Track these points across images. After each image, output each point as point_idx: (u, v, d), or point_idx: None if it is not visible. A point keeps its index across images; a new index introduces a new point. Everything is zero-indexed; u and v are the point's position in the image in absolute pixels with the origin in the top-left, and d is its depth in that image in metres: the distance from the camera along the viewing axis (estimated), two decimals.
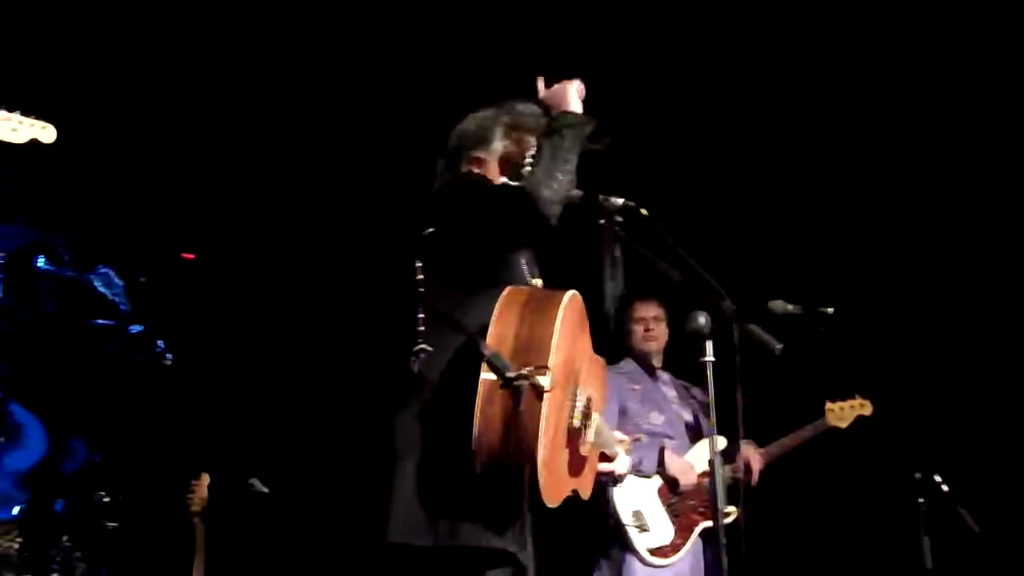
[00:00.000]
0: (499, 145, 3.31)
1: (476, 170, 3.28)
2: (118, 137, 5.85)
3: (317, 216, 6.27)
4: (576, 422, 2.95)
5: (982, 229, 6.31)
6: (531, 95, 3.37)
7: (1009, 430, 6.12)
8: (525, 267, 3.17)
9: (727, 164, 6.47)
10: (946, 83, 6.19)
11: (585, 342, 3.10)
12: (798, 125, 6.35)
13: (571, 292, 2.95)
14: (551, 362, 2.74)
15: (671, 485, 5.09)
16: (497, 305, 2.85)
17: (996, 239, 6.28)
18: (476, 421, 2.72)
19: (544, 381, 2.70)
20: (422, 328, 2.97)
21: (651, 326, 5.35)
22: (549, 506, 2.81)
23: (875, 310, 6.21)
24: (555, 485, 2.85)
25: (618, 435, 3.48)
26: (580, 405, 2.97)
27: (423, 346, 2.94)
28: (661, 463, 5.07)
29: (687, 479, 5.09)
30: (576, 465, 3.06)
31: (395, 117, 6.06)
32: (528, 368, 2.70)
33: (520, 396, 2.69)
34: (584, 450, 3.08)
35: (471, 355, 2.82)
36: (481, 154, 3.30)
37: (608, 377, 5.17)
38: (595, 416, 3.14)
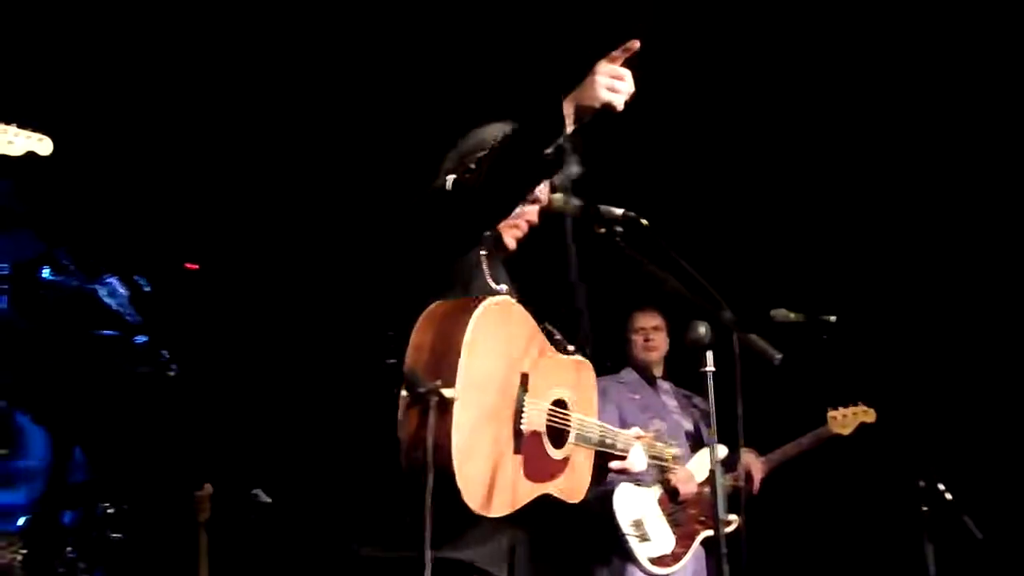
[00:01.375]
0: None
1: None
2: (123, 148, 5.87)
3: (322, 227, 6.28)
4: (525, 427, 2.96)
5: (984, 236, 6.31)
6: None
7: (1012, 437, 6.12)
8: (488, 275, 3.20)
9: (728, 173, 6.48)
10: (947, 91, 6.19)
11: (536, 348, 3.10)
12: (798, 134, 6.36)
13: (494, 299, 2.96)
14: (462, 372, 2.77)
15: (672, 494, 5.09)
16: (419, 319, 2.89)
17: (999, 246, 6.28)
18: (401, 437, 2.79)
19: (450, 392, 2.73)
20: (392, 343, 3.00)
21: (651, 336, 5.37)
22: (487, 513, 2.83)
23: (878, 318, 6.21)
24: (493, 492, 2.85)
25: (636, 431, 3.47)
26: (530, 409, 2.98)
27: (391, 360, 2.96)
28: (663, 471, 5.07)
29: (688, 488, 5.10)
30: (544, 469, 3.06)
31: (397, 130, 6.08)
32: (437, 381, 2.75)
33: (428, 409, 2.73)
34: (559, 453, 3.10)
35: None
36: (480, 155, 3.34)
37: (609, 386, 5.23)
38: (577, 417, 3.16)
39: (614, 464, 3.35)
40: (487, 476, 2.85)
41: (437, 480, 2.72)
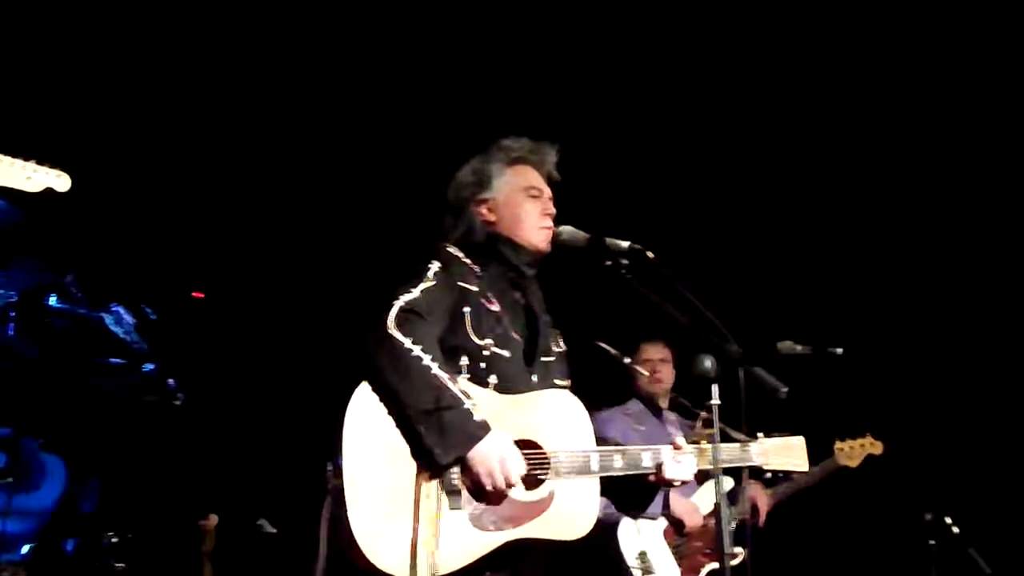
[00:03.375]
0: (501, 181, 3.45)
1: (484, 211, 3.43)
2: (131, 179, 5.90)
3: (328, 257, 6.29)
4: (459, 482, 3.03)
5: (993, 271, 6.31)
6: (517, 132, 3.51)
7: (1020, 471, 6.09)
8: (470, 324, 3.23)
9: (735, 207, 6.49)
10: (961, 127, 6.20)
11: None
12: (806, 168, 6.38)
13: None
14: (346, 460, 3.00)
15: (676, 527, 5.07)
16: None
17: (1007, 282, 6.27)
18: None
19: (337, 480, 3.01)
20: None
21: (658, 368, 5.36)
22: None
23: (885, 350, 6.20)
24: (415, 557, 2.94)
25: (679, 440, 3.44)
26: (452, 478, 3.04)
27: None
28: (666, 505, 5.05)
29: (692, 520, 5.07)
30: (509, 515, 3.09)
31: (403, 162, 6.11)
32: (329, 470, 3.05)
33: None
34: (533, 494, 3.12)
35: None
36: (485, 195, 3.44)
37: (614, 417, 5.22)
38: (556, 452, 3.18)
39: (670, 473, 3.34)
40: (401, 543, 2.93)
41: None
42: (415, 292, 3.14)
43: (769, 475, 3.65)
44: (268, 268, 6.30)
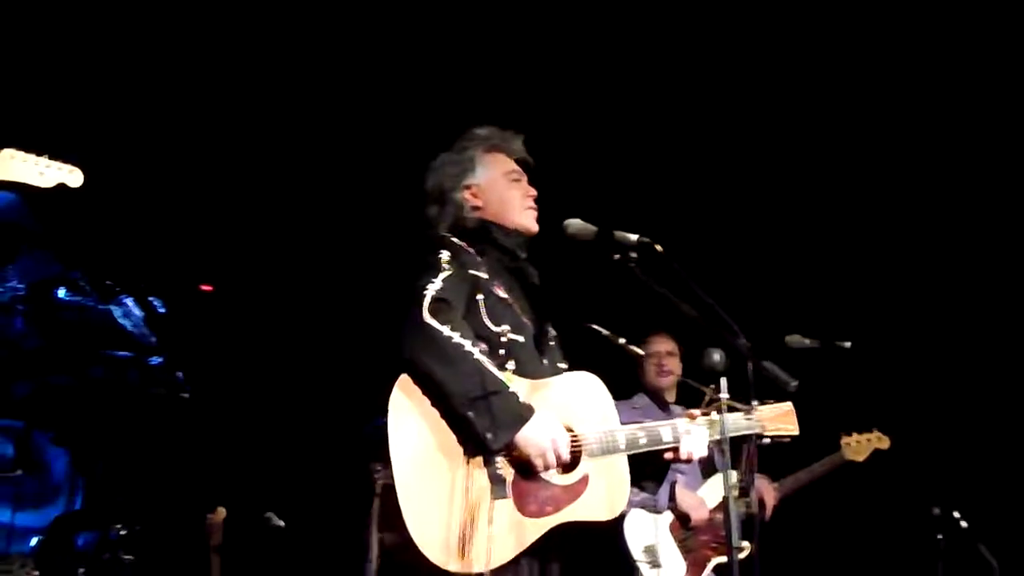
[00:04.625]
0: (482, 167, 3.52)
1: (470, 196, 3.48)
2: (140, 172, 5.90)
3: (335, 251, 6.29)
4: (503, 470, 3.06)
5: (1000, 266, 6.30)
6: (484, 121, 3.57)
7: None
8: (484, 312, 3.26)
9: (744, 201, 6.48)
10: (964, 118, 6.19)
11: None
12: (814, 162, 6.37)
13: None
14: (393, 455, 3.00)
15: (683, 520, 5.07)
16: None
17: (1015, 276, 6.26)
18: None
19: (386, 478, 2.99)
20: None
21: (665, 361, 5.35)
22: (471, 570, 2.95)
23: (893, 344, 6.19)
24: (467, 548, 2.98)
25: (694, 411, 3.49)
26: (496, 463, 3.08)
27: None
28: (673, 498, 5.05)
29: (699, 514, 5.06)
30: (549, 501, 3.13)
31: (410, 158, 6.09)
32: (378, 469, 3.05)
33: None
34: (568, 478, 3.17)
35: None
36: (470, 181, 3.50)
37: (621, 411, 5.21)
38: (585, 434, 3.23)
39: (668, 455, 3.41)
40: (457, 536, 2.97)
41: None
42: (439, 281, 3.17)
43: (768, 441, 3.65)
44: (277, 261, 6.31)
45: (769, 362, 3.20)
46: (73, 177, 3.79)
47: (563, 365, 3.43)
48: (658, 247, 3.24)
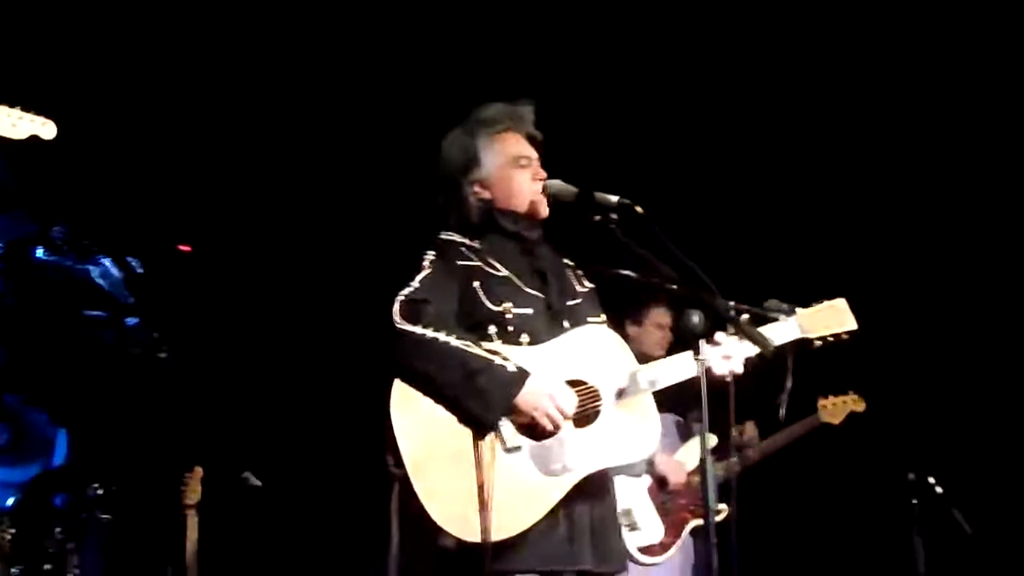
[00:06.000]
0: (489, 157, 3.43)
1: (478, 189, 3.42)
2: (118, 129, 5.85)
3: (315, 210, 6.27)
4: (511, 443, 3.11)
5: (978, 226, 6.30)
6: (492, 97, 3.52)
7: (1004, 431, 6.12)
8: (483, 295, 3.28)
9: (723, 163, 6.47)
10: (944, 84, 6.18)
11: None
12: (793, 123, 6.35)
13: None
14: (403, 444, 3.06)
15: (660, 483, 5.08)
16: None
17: (993, 237, 6.27)
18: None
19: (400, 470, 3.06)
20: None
21: (667, 334, 5.33)
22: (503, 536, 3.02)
23: (870, 307, 6.18)
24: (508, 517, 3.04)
25: (717, 336, 3.39)
26: (506, 431, 3.12)
27: None
28: (651, 461, 5.06)
29: (677, 477, 5.08)
30: (567, 459, 3.16)
31: (390, 113, 6.07)
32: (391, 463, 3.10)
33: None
34: (585, 432, 3.20)
35: None
36: (476, 175, 3.42)
37: None
38: (598, 383, 3.26)
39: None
40: (513, 496, 3.04)
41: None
42: (414, 283, 3.24)
43: (819, 343, 3.58)
44: (255, 221, 6.28)
45: (749, 323, 3.21)
46: (46, 129, 3.76)
47: (596, 319, 3.44)
48: (638, 209, 3.23)
